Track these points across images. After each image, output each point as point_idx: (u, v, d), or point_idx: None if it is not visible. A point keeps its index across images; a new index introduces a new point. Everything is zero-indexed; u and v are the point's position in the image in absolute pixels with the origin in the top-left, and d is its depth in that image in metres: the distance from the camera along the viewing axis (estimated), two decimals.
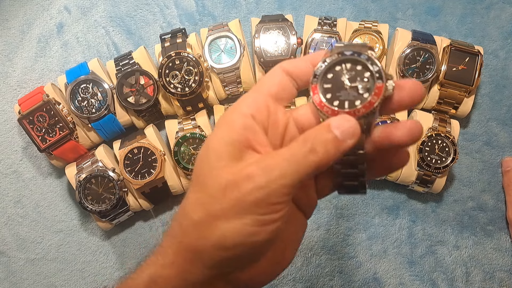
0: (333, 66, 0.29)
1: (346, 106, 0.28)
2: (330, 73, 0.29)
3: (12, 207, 0.68)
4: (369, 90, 0.28)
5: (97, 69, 0.64)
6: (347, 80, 0.28)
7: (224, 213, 0.27)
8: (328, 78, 0.29)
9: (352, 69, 0.29)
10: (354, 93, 0.28)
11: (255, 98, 0.29)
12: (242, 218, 0.26)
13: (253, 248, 0.28)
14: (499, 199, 0.67)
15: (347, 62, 0.29)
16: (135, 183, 0.61)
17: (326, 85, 0.29)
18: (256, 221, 0.26)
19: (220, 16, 0.71)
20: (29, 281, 0.67)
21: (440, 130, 0.62)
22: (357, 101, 0.28)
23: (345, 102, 0.28)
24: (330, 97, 0.29)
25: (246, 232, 0.27)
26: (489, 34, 0.70)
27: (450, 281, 0.65)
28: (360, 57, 0.28)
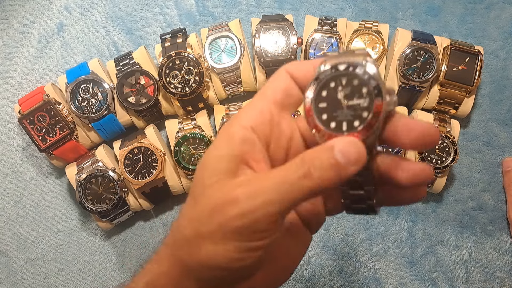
0: (327, 83, 0.26)
1: (344, 128, 0.25)
2: (324, 91, 0.26)
3: (13, 207, 0.68)
4: (368, 108, 0.25)
5: (97, 69, 0.64)
6: (343, 98, 0.25)
7: (210, 235, 0.25)
8: (323, 96, 0.26)
9: (348, 85, 0.25)
10: (352, 112, 0.25)
11: (258, 107, 0.27)
12: (225, 243, 0.25)
13: (240, 271, 0.26)
14: (499, 199, 0.67)
15: (342, 77, 0.26)
16: (135, 183, 0.61)
17: (322, 104, 0.26)
18: (239, 248, 0.25)
19: (220, 16, 0.71)
20: (29, 281, 0.67)
21: (440, 130, 0.62)
22: (355, 121, 0.25)
23: (343, 123, 0.25)
24: (326, 118, 0.26)
25: (230, 258, 0.25)
26: (489, 34, 0.70)
27: (450, 281, 0.65)
28: (356, 71, 0.25)
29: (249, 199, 0.24)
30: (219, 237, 0.25)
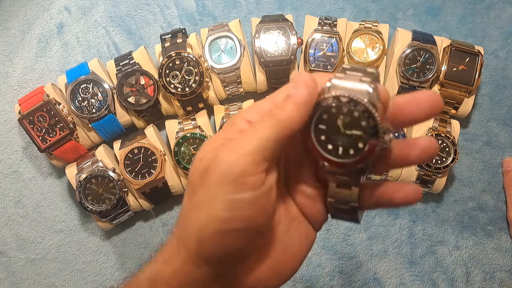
0: (329, 108, 0.27)
1: (340, 152, 0.27)
2: (325, 114, 0.27)
3: (13, 207, 0.68)
4: (364, 141, 0.26)
5: (97, 69, 0.64)
6: (342, 126, 0.27)
7: (199, 202, 0.27)
8: (323, 118, 0.27)
9: (349, 114, 0.27)
10: (349, 140, 0.27)
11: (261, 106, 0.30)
12: (212, 203, 0.26)
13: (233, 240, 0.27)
14: (499, 199, 0.67)
15: (344, 107, 0.27)
16: (135, 183, 0.61)
17: (321, 126, 0.27)
18: (225, 203, 0.26)
19: (220, 16, 0.71)
20: (29, 281, 0.67)
21: (440, 130, 0.62)
22: (351, 149, 0.27)
23: (339, 148, 0.27)
24: (324, 139, 0.27)
25: (219, 218, 0.26)
26: (489, 34, 0.70)
27: (450, 281, 0.65)
28: (356, 107, 0.26)
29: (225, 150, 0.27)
30: (206, 199, 0.27)
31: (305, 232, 0.32)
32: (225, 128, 0.29)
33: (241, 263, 0.29)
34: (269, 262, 0.30)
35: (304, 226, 0.32)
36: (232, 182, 0.26)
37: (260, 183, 0.27)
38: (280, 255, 0.30)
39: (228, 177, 0.26)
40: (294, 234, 0.31)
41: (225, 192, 0.26)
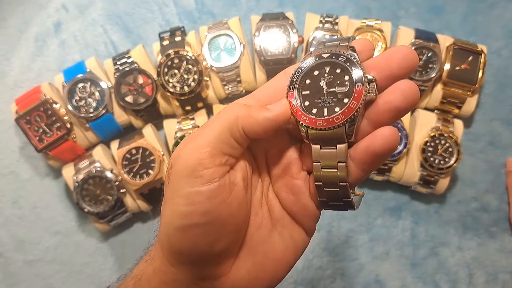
0: (310, 71, 0.27)
1: (325, 113, 0.26)
2: (308, 79, 0.27)
3: (10, 208, 0.67)
4: (348, 95, 0.26)
5: (95, 68, 0.63)
6: (325, 85, 0.27)
7: (167, 198, 0.28)
8: (306, 84, 0.27)
9: (331, 73, 0.27)
10: (333, 99, 0.26)
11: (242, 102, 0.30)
12: (175, 198, 0.27)
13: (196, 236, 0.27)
14: (502, 200, 0.66)
15: (326, 66, 0.27)
16: (133, 184, 0.60)
17: (305, 92, 0.27)
18: (185, 197, 0.26)
19: (219, 14, 0.70)
20: (26, 282, 0.66)
21: (443, 130, 0.61)
22: (336, 107, 0.26)
23: (324, 109, 0.26)
24: (308, 105, 0.27)
25: (180, 213, 0.27)
26: (492, 33, 0.69)
27: (453, 283, 0.64)
28: (339, 59, 0.26)
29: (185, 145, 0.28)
30: (170, 195, 0.27)
31: (290, 236, 0.30)
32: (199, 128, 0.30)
33: (216, 264, 0.29)
34: (248, 265, 0.29)
35: (290, 229, 0.30)
36: (189, 176, 0.26)
37: (217, 176, 0.27)
38: (260, 259, 0.30)
39: (185, 170, 0.26)
40: (276, 238, 0.30)
41: (183, 186, 0.26)
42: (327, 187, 0.27)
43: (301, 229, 0.31)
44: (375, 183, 0.67)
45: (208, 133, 0.27)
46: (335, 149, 0.26)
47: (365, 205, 0.67)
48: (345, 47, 0.27)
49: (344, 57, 0.26)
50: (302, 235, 0.31)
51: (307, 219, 0.30)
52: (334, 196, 0.28)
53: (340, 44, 0.27)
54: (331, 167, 0.27)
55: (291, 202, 0.30)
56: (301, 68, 0.27)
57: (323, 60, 0.27)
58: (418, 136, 0.62)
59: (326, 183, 0.27)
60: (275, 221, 0.30)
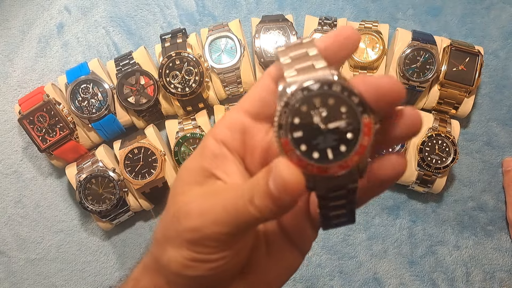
0: (298, 108, 0.22)
1: (330, 156, 0.22)
2: (296, 118, 0.22)
3: (13, 207, 0.68)
4: (353, 129, 0.22)
5: (97, 69, 0.64)
6: (320, 122, 0.22)
7: (171, 240, 0.26)
8: (296, 124, 0.22)
9: (323, 105, 0.22)
10: (334, 136, 0.22)
11: (230, 119, 0.26)
12: (180, 250, 0.25)
13: (197, 280, 0.26)
14: (499, 199, 0.67)
15: (315, 98, 0.22)
16: (135, 183, 0.61)
17: (296, 134, 0.22)
18: (191, 256, 0.25)
19: (220, 16, 0.71)
20: (29, 281, 0.67)
21: (440, 130, 0.62)
22: (341, 146, 0.22)
23: (327, 150, 0.22)
24: (306, 149, 0.22)
25: (184, 264, 0.25)
26: (489, 34, 0.70)
27: (450, 281, 0.65)
28: (332, 88, 0.22)
29: (199, 216, 0.24)
30: (177, 243, 0.26)
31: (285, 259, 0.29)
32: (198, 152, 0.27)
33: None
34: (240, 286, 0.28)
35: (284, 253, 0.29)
36: (201, 247, 0.25)
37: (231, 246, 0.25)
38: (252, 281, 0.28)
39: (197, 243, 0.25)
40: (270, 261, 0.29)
41: (193, 250, 0.25)
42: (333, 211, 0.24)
43: (296, 251, 0.29)
44: None
45: (224, 214, 0.24)
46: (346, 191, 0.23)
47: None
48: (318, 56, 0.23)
49: (338, 85, 0.22)
50: (297, 257, 0.29)
51: (303, 240, 0.29)
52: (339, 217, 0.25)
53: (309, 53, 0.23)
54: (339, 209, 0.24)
55: (288, 223, 0.28)
56: (287, 107, 0.22)
57: (313, 93, 0.22)
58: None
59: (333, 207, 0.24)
60: (269, 243, 0.29)
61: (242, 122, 0.26)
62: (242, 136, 0.26)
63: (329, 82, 0.22)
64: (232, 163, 0.26)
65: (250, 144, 0.26)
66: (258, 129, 0.26)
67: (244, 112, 0.26)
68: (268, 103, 0.25)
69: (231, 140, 0.26)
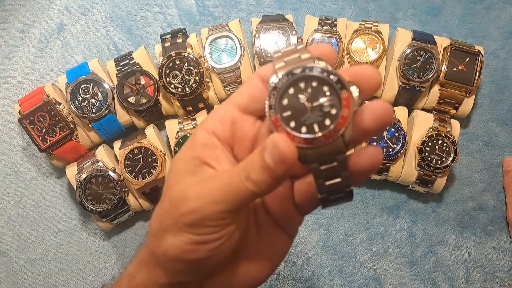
0: (285, 90, 0.26)
1: (316, 129, 0.25)
2: (285, 99, 0.26)
3: (13, 207, 0.68)
4: (335, 105, 0.25)
5: (97, 69, 0.64)
6: (306, 101, 0.25)
7: (169, 228, 0.27)
8: (284, 104, 0.26)
9: (307, 87, 0.25)
10: (319, 113, 0.25)
11: (221, 112, 0.29)
12: (180, 235, 0.27)
13: (197, 263, 0.28)
14: (499, 199, 0.67)
15: (300, 81, 0.25)
16: (135, 183, 0.61)
17: (286, 113, 0.25)
18: (191, 240, 0.26)
19: (220, 16, 0.71)
20: (29, 281, 0.67)
21: (440, 130, 0.62)
22: (326, 120, 0.25)
23: (313, 125, 0.25)
24: (295, 126, 0.25)
25: (184, 249, 0.27)
26: (489, 34, 0.70)
27: (450, 281, 0.65)
28: (313, 71, 0.25)
29: (197, 198, 0.26)
30: (175, 229, 0.27)
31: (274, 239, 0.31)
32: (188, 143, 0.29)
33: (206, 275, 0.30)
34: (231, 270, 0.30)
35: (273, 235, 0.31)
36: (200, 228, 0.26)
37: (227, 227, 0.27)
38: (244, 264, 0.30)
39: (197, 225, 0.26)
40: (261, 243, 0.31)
41: (193, 232, 0.26)
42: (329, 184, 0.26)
43: (284, 235, 0.31)
44: (373, 182, 0.68)
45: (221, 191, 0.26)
46: (336, 163, 0.25)
47: (363, 204, 0.67)
48: (309, 59, 0.26)
49: (318, 68, 0.25)
50: (286, 240, 0.31)
51: (290, 225, 0.31)
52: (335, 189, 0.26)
53: (302, 57, 0.26)
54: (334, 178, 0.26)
55: (275, 210, 0.30)
56: (275, 90, 0.26)
57: (296, 77, 0.25)
58: (415, 136, 0.63)
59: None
60: (259, 227, 0.31)
61: (232, 114, 0.29)
62: (232, 127, 0.29)
63: (310, 66, 0.25)
64: (222, 152, 0.28)
65: (239, 134, 0.29)
66: (246, 120, 0.29)
67: (234, 105, 0.29)
68: (256, 99, 0.28)
69: (222, 131, 0.28)
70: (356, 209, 0.67)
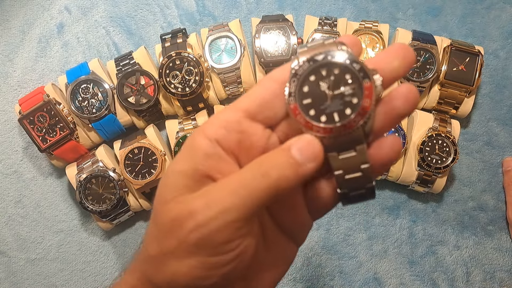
0: (306, 77, 0.24)
1: (336, 118, 0.24)
2: (305, 86, 0.24)
3: (13, 207, 0.68)
4: (356, 94, 0.24)
5: (97, 69, 0.64)
6: (327, 89, 0.24)
7: (173, 251, 0.24)
8: (304, 92, 0.24)
9: (329, 75, 0.24)
10: (340, 101, 0.24)
11: (226, 117, 0.25)
12: (189, 259, 0.23)
13: None
14: (499, 199, 0.67)
15: (322, 68, 0.24)
16: (135, 183, 0.61)
17: (306, 101, 0.24)
18: (202, 263, 0.23)
19: (220, 16, 0.71)
20: (29, 281, 0.67)
21: (440, 130, 0.62)
22: (347, 109, 0.24)
23: (333, 114, 0.24)
24: (314, 114, 0.24)
25: (195, 275, 0.24)
26: (489, 34, 0.70)
27: (450, 281, 0.65)
28: (335, 58, 0.24)
29: (205, 209, 0.23)
30: (181, 253, 0.24)
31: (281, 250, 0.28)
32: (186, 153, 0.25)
33: None
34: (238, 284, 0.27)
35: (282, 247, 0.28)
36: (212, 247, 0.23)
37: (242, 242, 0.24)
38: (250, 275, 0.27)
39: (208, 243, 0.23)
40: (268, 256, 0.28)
41: (203, 254, 0.23)
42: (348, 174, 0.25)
43: (291, 243, 0.29)
44: None
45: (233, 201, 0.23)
46: (355, 152, 0.24)
47: (363, 204, 0.67)
48: (333, 44, 0.25)
49: (341, 53, 0.24)
50: (293, 248, 0.29)
51: (300, 231, 0.29)
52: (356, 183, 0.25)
53: (326, 43, 0.25)
54: (354, 172, 0.25)
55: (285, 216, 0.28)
56: (296, 76, 0.24)
57: (318, 63, 0.24)
58: (415, 136, 0.63)
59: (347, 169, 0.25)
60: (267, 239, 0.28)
61: (239, 121, 0.25)
62: (238, 135, 0.25)
63: (333, 52, 0.24)
64: (227, 163, 0.25)
65: (246, 144, 0.25)
66: (255, 129, 0.25)
67: (242, 111, 0.25)
68: (269, 104, 0.25)
69: (226, 140, 0.25)
70: (356, 209, 0.67)
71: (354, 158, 0.24)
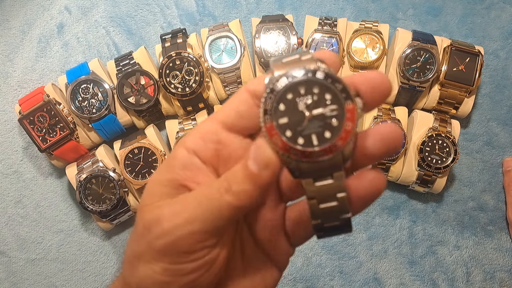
0: (283, 95, 0.23)
1: (315, 142, 0.22)
2: (281, 104, 0.23)
3: (13, 207, 0.68)
4: (337, 115, 0.22)
5: (97, 69, 0.64)
6: (305, 109, 0.22)
7: (142, 255, 0.25)
8: (280, 110, 0.23)
9: (308, 93, 0.22)
10: (319, 123, 0.22)
11: (204, 129, 0.26)
12: (153, 264, 0.24)
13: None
14: (499, 199, 0.67)
15: (300, 86, 0.22)
16: (135, 183, 0.61)
17: (282, 121, 0.22)
18: (165, 270, 0.24)
19: (220, 16, 0.71)
20: (29, 281, 0.67)
21: (440, 130, 0.62)
22: (326, 132, 0.22)
23: (311, 136, 0.22)
24: (291, 135, 0.22)
25: (157, 280, 0.24)
26: (489, 34, 0.70)
27: (450, 281, 0.65)
28: (316, 76, 0.22)
29: (172, 217, 0.24)
30: (148, 257, 0.24)
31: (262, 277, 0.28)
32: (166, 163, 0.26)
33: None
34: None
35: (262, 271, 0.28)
36: (175, 255, 0.24)
37: (206, 254, 0.24)
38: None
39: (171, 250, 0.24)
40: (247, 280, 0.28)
41: (166, 261, 0.24)
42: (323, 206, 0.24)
43: (274, 268, 0.28)
44: None
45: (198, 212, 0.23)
46: (332, 179, 0.23)
47: None
48: (311, 60, 0.23)
49: (322, 72, 0.22)
50: (274, 272, 0.28)
51: (280, 256, 0.28)
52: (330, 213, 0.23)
53: (302, 58, 0.23)
54: (329, 201, 0.23)
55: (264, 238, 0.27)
56: (273, 93, 0.23)
57: (297, 80, 0.23)
58: (415, 136, 0.63)
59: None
60: (246, 260, 0.28)
61: (217, 132, 0.25)
62: (216, 145, 0.25)
63: (313, 69, 0.22)
64: (203, 173, 0.25)
65: (224, 154, 0.26)
66: (232, 140, 0.26)
67: (219, 122, 0.25)
68: (244, 115, 0.25)
69: (204, 150, 0.25)
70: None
71: (331, 185, 0.23)
